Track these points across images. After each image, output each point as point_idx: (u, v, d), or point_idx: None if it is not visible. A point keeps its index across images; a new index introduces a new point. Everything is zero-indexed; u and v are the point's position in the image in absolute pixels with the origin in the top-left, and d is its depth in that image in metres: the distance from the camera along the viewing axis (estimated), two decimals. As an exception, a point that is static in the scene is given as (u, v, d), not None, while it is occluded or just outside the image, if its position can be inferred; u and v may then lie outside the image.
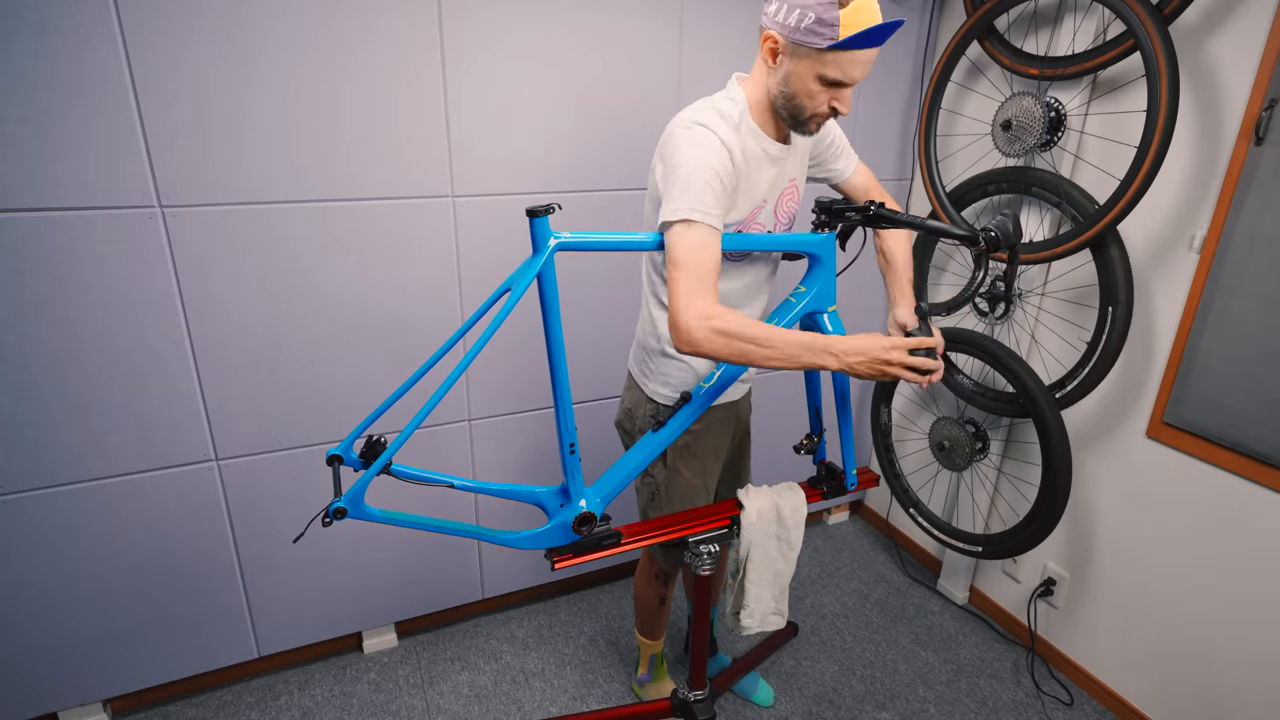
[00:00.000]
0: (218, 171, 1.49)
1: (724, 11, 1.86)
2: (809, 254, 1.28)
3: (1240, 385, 1.54)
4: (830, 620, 2.23)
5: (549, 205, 1.07)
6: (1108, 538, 1.88)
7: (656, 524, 1.39)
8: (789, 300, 1.30)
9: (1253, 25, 1.46)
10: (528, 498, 1.31)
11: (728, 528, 1.41)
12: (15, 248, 1.38)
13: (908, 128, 2.26)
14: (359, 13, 1.50)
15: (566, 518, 1.25)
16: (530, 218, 1.06)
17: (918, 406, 2.40)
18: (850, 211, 1.25)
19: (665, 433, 1.28)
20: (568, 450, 1.21)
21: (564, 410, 1.18)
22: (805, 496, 1.46)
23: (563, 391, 1.16)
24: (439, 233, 1.73)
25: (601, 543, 1.30)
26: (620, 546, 1.32)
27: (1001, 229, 1.19)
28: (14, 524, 1.53)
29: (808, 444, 1.47)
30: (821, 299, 1.29)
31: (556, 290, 1.11)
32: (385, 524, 1.21)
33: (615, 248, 1.17)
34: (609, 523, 1.31)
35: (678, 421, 1.28)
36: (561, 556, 1.28)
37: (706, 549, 1.42)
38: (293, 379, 1.69)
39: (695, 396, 1.28)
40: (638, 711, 1.74)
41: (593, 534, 1.28)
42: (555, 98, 1.75)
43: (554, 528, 1.25)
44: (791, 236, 1.28)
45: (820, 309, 1.30)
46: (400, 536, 1.94)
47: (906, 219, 1.23)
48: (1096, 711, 1.91)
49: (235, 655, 1.86)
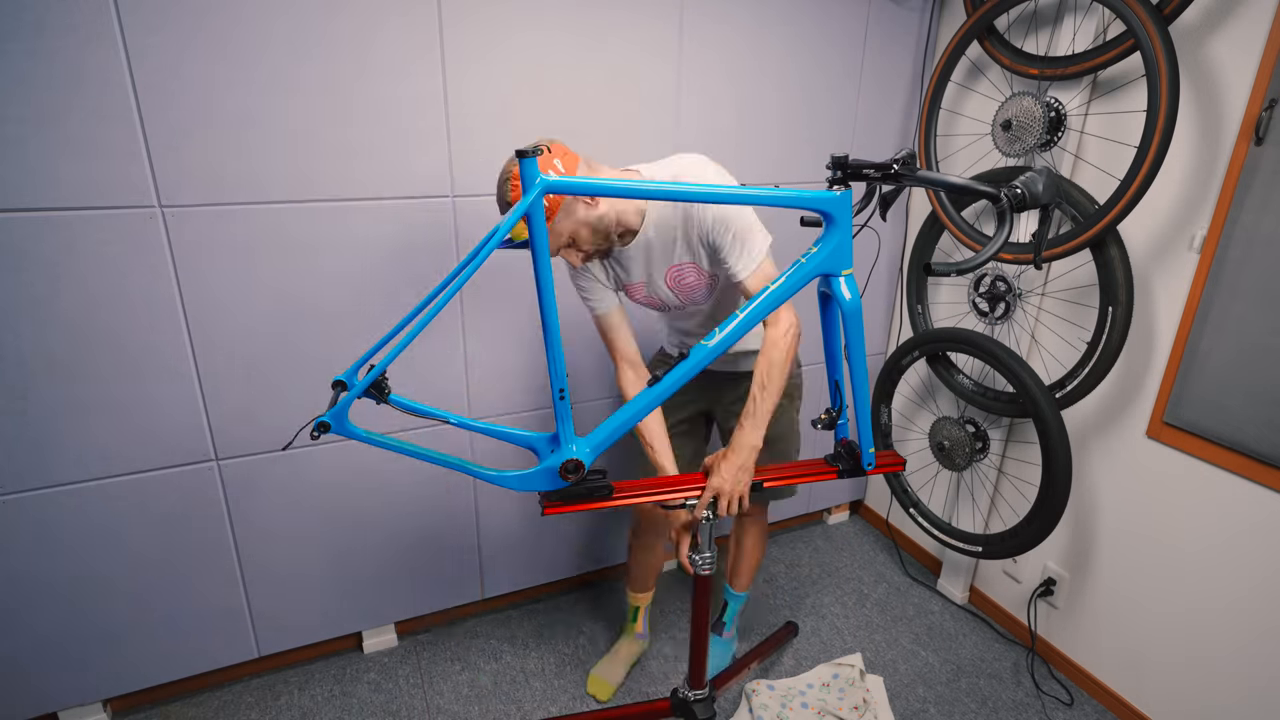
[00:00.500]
0: (218, 171, 1.49)
1: (723, 11, 1.87)
2: (821, 213, 1.21)
3: (1240, 385, 1.54)
4: (830, 620, 2.23)
5: (537, 146, 1.08)
6: (1108, 538, 1.88)
7: (650, 482, 1.40)
8: (799, 261, 1.23)
9: (1253, 25, 1.46)
10: (521, 441, 1.31)
11: None
12: (15, 248, 1.38)
13: (908, 128, 2.26)
14: (360, 14, 1.50)
15: (554, 462, 1.24)
16: (519, 159, 1.05)
17: (917, 406, 2.40)
18: (868, 168, 1.18)
19: (660, 388, 1.25)
20: (558, 395, 1.20)
21: (555, 355, 1.17)
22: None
23: (553, 336, 1.15)
24: (439, 233, 1.73)
25: (593, 494, 1.29)
26: (611, 500, 1.31)
27: (1029, 185, 1.11)
28: (14, 524, 1.53)
29: (826, 419, 1.40)
30: (834, 261, 1.22)
31: (545, 232, 1.10)
32: (367, 444, 1.22)
33: (605, 192, 1.14)
34: (604, 476, 1.30)
35: (674, 377, 1.24)
36: (551, 503, 1.28)
37: (703, 557, 1.43)
38: (293, 379, 1.69)
39: (692, 354, 1.24)
40: (636, 711, 1.74)
41: (584, 484, 1.27)
42: (555, 98, 1.75)
43: (542, 471, 1.25)
44: (800, 193, 1.20)
45: (834, 272, 1.23)
46: (400, 536, 1.94)
47: (929, 176, 1.18)
48: (1096, 711, 1.91)
49: (235, 655, 1.86)
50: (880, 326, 2.49)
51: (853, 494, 2.75)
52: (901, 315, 2.44)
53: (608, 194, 1.15)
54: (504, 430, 1.32)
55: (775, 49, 1.96)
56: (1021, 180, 1.11)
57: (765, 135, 2.02)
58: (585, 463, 1.25)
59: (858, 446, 1.42)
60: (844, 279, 1.24)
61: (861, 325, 1.26)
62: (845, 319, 1.26)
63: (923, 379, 2.35)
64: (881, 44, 2.12)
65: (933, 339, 1.97)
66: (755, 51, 1.94)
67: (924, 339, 1.99)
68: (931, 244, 2.16)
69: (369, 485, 1.86)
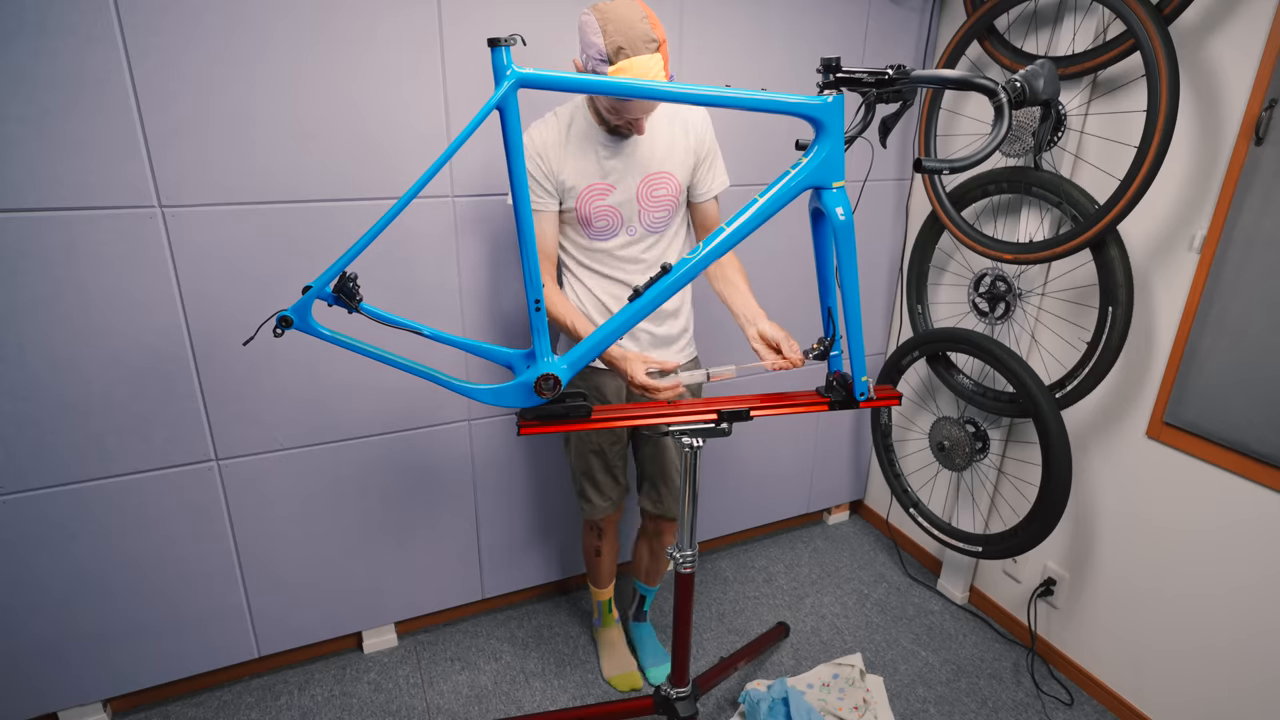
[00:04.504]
0: (218, 171, 1.49)
1: (723, 12, 1.87)
2: (810, 119, 1.13)
3: (1240, 385, 1.54)
4: (830, 620, 2.23)
5: (511, 36, 1.04)
6: (1108, 538, 1.88)
7: (634, 406, 1.39)
8: (786, 172, 1.16)
9: (1253, 25, 1.46)
10: (497, 356, 1.28)
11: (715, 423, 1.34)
12: (15, 248, 1.38)
13: (908, 128, 2.26)
14: (360, 13, 1.50)
15: (530, 377, 1.21)
16: (490, 48, 1.02)
17: (917, 406, 2.40)
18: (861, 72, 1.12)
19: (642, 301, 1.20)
20: (534, 307, 1.17)
21: (529, 263, 1.14)
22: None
23: (527, 242, 1.12)
24: (439, 233, 1.73)
25: (570, 414, 1.26)
26: (589, 421, 1.27)
27: (1029, 79, 1.07)
28: (14, 524, 1.54)
29: (819, 349, 1.33)
30: (825, 173, 1.15)
31: (519, 129, 1.07)
32: (331, 343, 1.21)
33: (581, 88, 1.11)
34: (584, 398, 1.27)
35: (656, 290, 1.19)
36: (528, 423, 1.25)
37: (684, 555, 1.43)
38: (293, 379, 1.69)
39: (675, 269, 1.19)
40: (620, 709, 1.73)
41: (561, 402, 1.24)
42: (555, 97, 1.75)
43: (516, 385, 1.22)
44: (788, 96, 1.13)
45: (824, 184, 1.15)
46: (400, 536, 1.94)
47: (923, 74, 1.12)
48: (1096, 711, 1.91)
49: (235, 655, 1.86)
50: (880, 326, 2.49)
51: (853, 494, 2.75)
52: (901, 315, 2.44)
53: (586, 90, 1.10)
54: (477, 345, 1.30)
55: (775, 49, 1.96)
56: (1021, 74, 1.08)
57: (766, 135, 2.02)
58: (562, 379, 1.21)
59: (850, 378, 1.33)
60: (836, 192, 1.16)
61: (854, 245, 1.18)
62: (838, 237, 1.18)
63: (923, 379, 2.35)
64: (881, 44, 2.12)
65: (933, 339, 1.97)
66: (755, 52, 1.94)
67: (924, 339, 1.99)
68: (931, 244, 2.16)
69: (369, 485, 1.86)
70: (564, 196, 1.49)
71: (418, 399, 1.83)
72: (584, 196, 1.48)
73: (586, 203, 1.48)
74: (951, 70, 1.13)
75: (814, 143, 1.14)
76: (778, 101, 1.12)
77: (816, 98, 1.12)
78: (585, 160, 1.46)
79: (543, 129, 1.47)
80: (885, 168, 2.27)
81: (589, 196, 1.48)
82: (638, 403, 1.46)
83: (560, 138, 1.46)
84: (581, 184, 1.47)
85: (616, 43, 1.23)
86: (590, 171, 1.47)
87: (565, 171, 1.46)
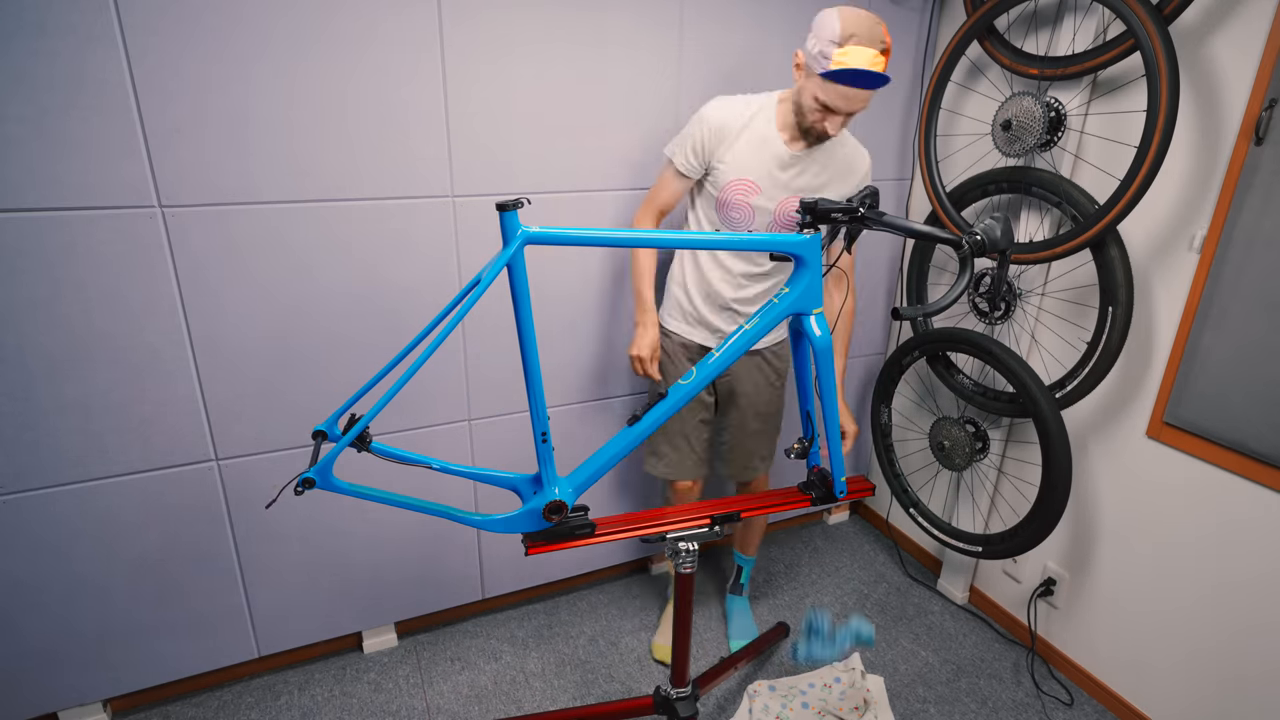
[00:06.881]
0: (218, 171, 1.49)
1: (723, 14, 1.86)
2: (793, 255, 1.28)
3: (1240, 385, 1.54)
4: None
5: (518, 199, 1.12)
6: (1108, 538, 1.88)
7: (634, 517, 1.41)
8: (772, 302, 1.31)
9: (1253, 25, 1.46)
10: (503, 483, 1.33)
11: (708, 527, 1.41)
12: (15, 248, 1.38)
13: (908, 128, 2.26)
14: (360, 13, 1.50)
15: (538, 504, 1.27)
16: (500, 212, 1.10)
17: (917, 406, 2.40)
18: (836, 212, 1.24)
19: (639, 428, 1.29)
20: (540, 439, 1.24)
21: (535, 399, 1.20)
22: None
23: (534, 381, 1.19)
24: (439, 233, 1.73)
25: (575, 532, 1.32)
26: (594, 538, 1.33)
27: (988, 233, 1.17)
28: (14, 524, 1.53)
29: (799, 448, 1.47)
30: (805, 301, 1.30)
31: (526, 282, 1.13)
32: (352, 497, 1.25)
33: (585, 242, 1.16)
34: (586, 513, 1.33)
35: (653, 417, 1.28)
36: (535, 544, 1.30)
37: (686, 546, 1.42)
38: (293, 379, 1.69)
39: (670, 394, 1.28)
40: (620, 708, 1.73)
41: (567, 523, 1.30)
42: (555, 99, 1.75)
43: (525, 513, 1.27)
44: (773, 236, 1.29)
45: (805, 310, 1.31)
46: (401, 537, 1.94)
47: (893, 221, 1.23)
48: (1096, 711, 1.91)
49: (235, 655, 1.86)
50: (880, 326, 2.49)
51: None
52: (901, 315, 2.44)
53: (584, 244, 1.19)
54: (486, 473, 1.35)
55: (775, 50, 1.96)
56: (981, 227, 1.19)
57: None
58: (568, 503, 1.28)
59: (830, 474, 1.48)
60: (814, 317, 1.31)
61: (831, 360, 1.33)
62: (816, 355, 1.32)
63: (923, 379, 2.35)
64: (881, 44, 2.12)
65: (933, 339, 1.97)
66: (755, 52, 1.94)
67: (924, 339, 1.99)
68: (931, 244, 2.16)
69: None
70: (711, 175, 1.61)
71: (418, 399, 1.83)
72: (731, 187, 1.59)
73: (731, 192, 1.60)
74: (917, 223, 1.25)
75: (795, 275, 1.29)
76: (764, 240, 1.28)
77: (798, 236, 1.27)
78: (749, 158, 1.57)
79: (727, 111, 1.56)
80: (886, 168, 2.27)
81: (735, 188, 1.59)
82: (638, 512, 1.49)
83: (738, 128, 1.56)
84: (734, 176, 1.58)
85: (851, 30, 1.33)
86: (748, 168, 1.57)
87: (725, 159, 1.57)
